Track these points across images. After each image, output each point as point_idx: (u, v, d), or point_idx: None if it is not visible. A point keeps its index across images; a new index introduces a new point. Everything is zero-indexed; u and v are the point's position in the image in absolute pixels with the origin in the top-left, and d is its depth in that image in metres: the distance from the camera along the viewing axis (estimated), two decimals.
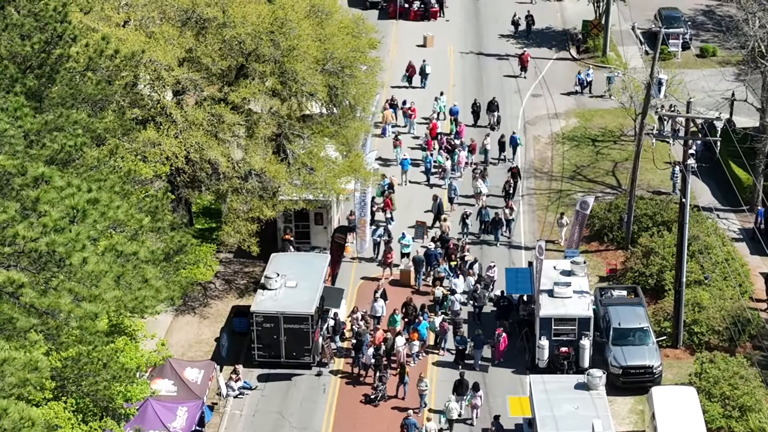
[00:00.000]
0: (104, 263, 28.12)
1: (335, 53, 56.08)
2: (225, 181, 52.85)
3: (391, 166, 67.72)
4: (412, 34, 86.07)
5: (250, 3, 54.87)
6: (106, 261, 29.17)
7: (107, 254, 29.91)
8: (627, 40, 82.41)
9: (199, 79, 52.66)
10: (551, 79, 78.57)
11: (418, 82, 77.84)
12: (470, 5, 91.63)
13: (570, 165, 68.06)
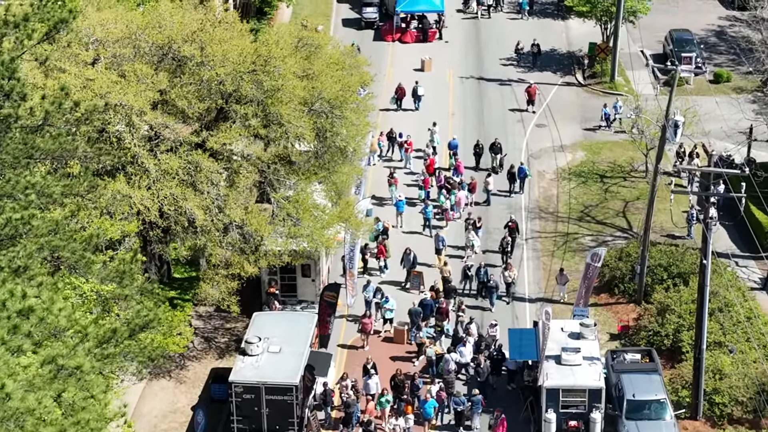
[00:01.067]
0: (37, 388, 23.72)
1: (323, 92, 51.64)
2: (202, 234, 48.39)
3: (385, 205, 63.29)
4: (410, 56, 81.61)
5: (232, 39, 50.46)
6: (42, 377, 24.78)
7: (45, 367, 25.53)
8: (636, 64, 77.89)
9: (174, 124, 48.22)
10: (556, 107, 74.12)
11: (411, 104, 73.83)
12: (470, 26, 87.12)
13: (577, 204, 63.60)
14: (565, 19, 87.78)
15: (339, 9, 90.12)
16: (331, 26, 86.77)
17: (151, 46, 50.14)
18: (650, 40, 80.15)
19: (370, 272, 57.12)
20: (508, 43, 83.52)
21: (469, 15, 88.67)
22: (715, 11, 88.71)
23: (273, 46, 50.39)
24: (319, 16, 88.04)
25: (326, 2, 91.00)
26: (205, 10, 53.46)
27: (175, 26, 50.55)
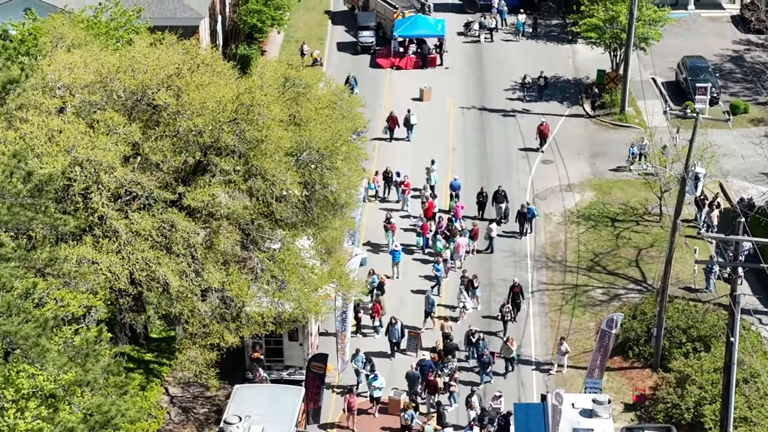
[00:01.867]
0: None
1: (312, 141, 47.30)
2: (178, 301, 44.03)
3: (381, 252, 58.98)
4: (408, 84, 77.25)
5: (211, 84, 46.09)
6: None
7: None
8: (648, 93, 73.59)
9: (147, 181, 43.87)
10: (563, 141, 69.76)
11: (404, 133, 69.85)
12: (472, 50, 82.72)
13: (587, 252, 59.24)
14: (572, 43, 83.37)
15: (334, 32, 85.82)
16: (326, 50, 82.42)
17: (124, 92, 45.87)
18: (662, 66, 75.86)
19: (364, 332, 52.83)
20: (511, 69, 79.18)
21: (471, 38, 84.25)
22: (730, 34, 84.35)
23: (256, 91, 45.98)
24: (313, 39, 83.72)
25: (320, 25, 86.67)
26: (184, 50, 49.15)
27: (150, 70, 46.26)
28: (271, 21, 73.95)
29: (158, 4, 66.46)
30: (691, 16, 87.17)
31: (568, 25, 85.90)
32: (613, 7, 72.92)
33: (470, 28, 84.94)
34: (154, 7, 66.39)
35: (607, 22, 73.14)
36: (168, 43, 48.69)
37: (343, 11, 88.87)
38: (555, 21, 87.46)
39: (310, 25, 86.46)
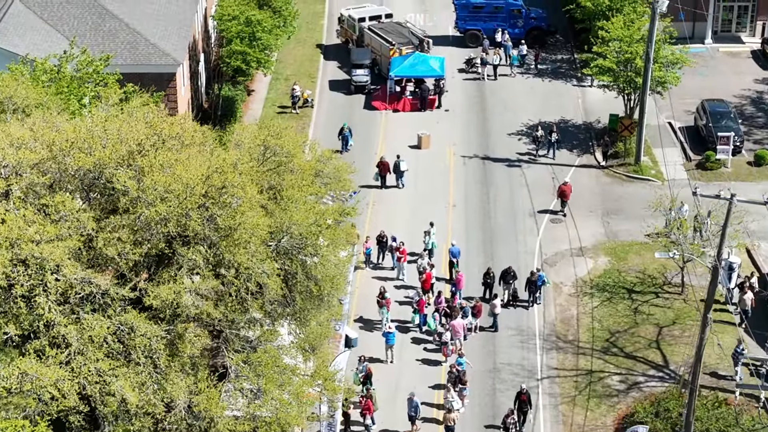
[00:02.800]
0: None
1: (293, 227, 41.61)
2: (137, 418, 38.29)
3: (374, 330, 53.34)
4: (405, 128, 71.55)
5: (177, 162, 40.34)
6: None
7: None
8: (665, 139, 67.91)
9: (102, 279, 38.14)
10: (574, 195, 63.91)
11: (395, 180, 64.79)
12: (474, 89, 76.97)
13: (602, 330, 53.52)
14: (581, 82, 77.62)
15: (326, 68, 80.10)
16: (317, 89, 76.68)
17: (78, 171, 40.16)
18: (679, 109, 70.00)
19: (354, 430, 47.14)
20: (516, 112, 73.51)
21: (473, 75, 78.55)
22: (750, 72, 78.57)
23: (230, 171, 40.21)
24: (304, 77, 78.00)
25: (312, 60, 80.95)
26: (148, 124, 43.42)
27: (109, 145, 40.56)
28: (256, 63, 68.17)
29: (130, 50, 60.73)
30: (709, 50, 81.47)
31: (577, 61, 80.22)
32: (627, 49, 67.20)
33: (472, 64, 79.25)
34: (126, 52, 60.68)
35: (620, 64, 67.43)
36: (130, 112, 43.06)
37: (336, 44, 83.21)
38: (563, 55, 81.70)
39: (300, 60, 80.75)
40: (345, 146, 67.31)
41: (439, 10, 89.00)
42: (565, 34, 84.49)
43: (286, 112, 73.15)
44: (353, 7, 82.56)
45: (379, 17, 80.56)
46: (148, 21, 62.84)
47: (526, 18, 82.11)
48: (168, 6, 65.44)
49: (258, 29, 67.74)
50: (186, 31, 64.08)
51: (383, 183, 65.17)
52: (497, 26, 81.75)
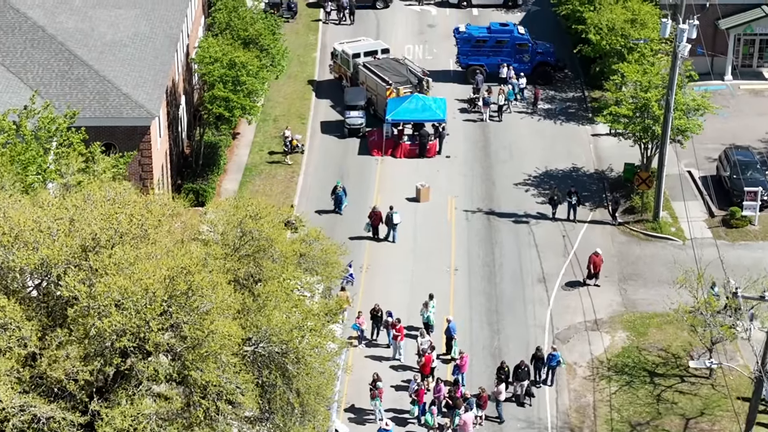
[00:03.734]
0: None
1: (271, 331, 36.11)
2: None
3: (367, 422, 47.79)
4: (402, 178, 66.03)
5: (137, 260, 34.81)
6: None
7: None
8: (686, 190, 62.38)
9: (44, 405, 32.66)
10: (586, 257, 58.49)
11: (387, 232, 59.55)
12: (477, 132, 71.38)
13: (621, 422, 47.98)
14: (593, 123, 72.11)
15: (318, 108, 74.53)
16: (308, 131, 71.13)
17: (22, 272, 34.73)
18: (699, 155, 64.42)
19: None
20: (522, 158, 67.99)
21: (476, 116, 73.02)
22: None
23: (197, 272, 34.62)
24: (293, 118, 72.45)
25: (303, 98, 75.38)
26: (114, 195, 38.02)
27: (60, 238, 35.10)
28: (240, 110, 62.49)
29: (100, 101, 55.16)
30: (729, 88, 75.85)
31: (587, 100, 74.70)
32: (643, 95, 61.65)
33: (474, 103, 73.68)
34: (96, 104, 55.12)
35: (636, 110, 61.91)
36: (86, 195, 37.52)
37: (329, 81, 77.62)
38: (572, 93, 76.13)
39: (291, 98, 75.15)
40: (338, 207, 61.67)
41: (438, 42, 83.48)
42: (573, 68, 78.98)
43: (275, 160, 67.56)
44: (347, 42, 77.02)
45: (375, 53, 75.01)
46: (121, 67, 57.30)
47: (532, 53, 76.60)
48: (143, 49, 59.88)
49: (242, 73, 62.14)
50: (163, 76, 58.51)
51: (375, 234, 60.05)
52: (502, 61, 76.25)
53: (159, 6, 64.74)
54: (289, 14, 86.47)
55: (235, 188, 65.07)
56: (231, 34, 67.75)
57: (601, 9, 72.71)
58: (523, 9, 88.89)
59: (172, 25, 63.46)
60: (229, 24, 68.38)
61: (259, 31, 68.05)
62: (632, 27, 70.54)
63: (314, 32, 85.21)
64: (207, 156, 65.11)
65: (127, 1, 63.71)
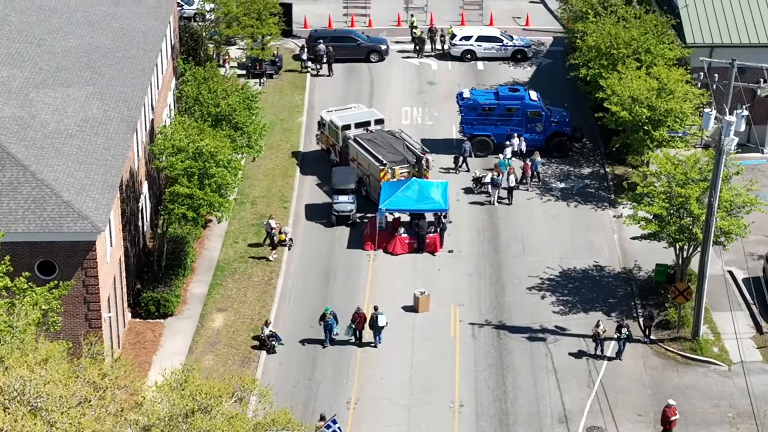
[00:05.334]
0: None
1: None
2: None
3: None
4: (397, 279, 57.08)
5: None
6: None
7: None
8: (727, 297, 53.43)
9: None
10: (614, 385, 49.55)
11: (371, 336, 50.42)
12: (484, 218, 62.33)
13: None
14: (615, 206, 63.20)
15: (302, 186, 65.52)
16: (290, 216, 62.16)
17: None
18: (741, 249, 55.51)
19: None
20: (538, 252, 59.10)
21: (483, 197, 64.08)
22: None
23: None
24: (274, 200, 63.49)
25: (285, 175, 66.33)
26: None
27: None
28: (208, 208, 53.31)
29: (36, 211, 46.15)
30: None
31: (609, 176, 65.82)
32: (680, 190, 52.71)
33: (480, 182, 64.68)
34: (31, 214, 46.10)
35: (671, 208, 52.98)
36: None
37: (316, 152, 68.66)
38: (591, 167, 67.16)
39: (272, 175, 66.10)
40: (328, 337, 52.53)
41: (440, 103, 74.56)
42: (591, 135, 70.05)
43: (253, 255, 58.64)
44: (336, 110, 67.90)
45: (367, 124, 65.97)
46: (64, 166, 48.27)
47: (546, 121, 67.62)
48: (94, 139, 50.92)
49: (211, 164, 53.07)
50: (116, 174, 49.47)
51: (358, 339, 51.77)
52: (511, 131, 67.30)
53: (116, 81, 55.85)
54: (273, 69, 77.49)
55: (203, 292, 56.04)
56: (200, 111, 58.81)
57: (624, 74, 63.75)
58: (533, 62, 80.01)
59: (130, 105, 54.52)
60: (197, 99, 59.42)
61: (232, 106, 59.10)
62: (659, 97, 61.55)
63: (300, 91, 76.16)
64: (172, 253, 56.16)
65: (78, 77, 54.86)
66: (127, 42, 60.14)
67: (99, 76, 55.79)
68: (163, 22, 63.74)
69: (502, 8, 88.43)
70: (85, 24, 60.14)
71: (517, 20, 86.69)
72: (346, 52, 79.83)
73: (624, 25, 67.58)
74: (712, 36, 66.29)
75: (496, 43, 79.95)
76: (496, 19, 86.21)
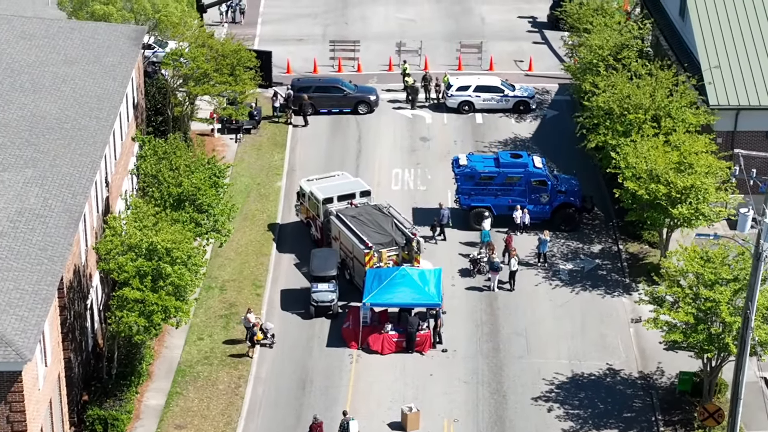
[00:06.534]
0: None
1: None
2: None
3: None
4: (383, 385, 49.90)
5: None
6: None
7: None
8: (762, 413, 46.35)
9: None
10: None
11: None
12: (481, 310, 55.06)
13: None
14: (630, 292, 56.00)
15: (279, 266, 58.29)
16: (264, 304, 55.05)
17: None
18: None
19: None
20: (544, 353, 51.89)
21: (481, 280, 56.94)
22: None
23: None
24: (247, 284, 56.39)
25: (260, 253, 59.10)
26: None
27: None
28: (162, 315, 45.93)
29: None
30: None
31: (623, 254, 58.69)
32: (708, 293, 45.51)
33: (477, 263, 57.52)
34: None
35: (699, 313, 45.81)
36: None
37: (295, 224, 61.50)
38: (603, 243, 59.97)
39: (245, 253, 58.89)
40: None
41: (434, 163, 67.47)
42: (603, 204, 62.86)
43: (220, 355, 51.54)
44: (317, 178, 60.66)
45: (351, 197, 58.73)
46: None
47: (552, 191, 60.43)
48: (27, 238, 43.73)
49: (166, 263, 45.77)
50: (51, 283, 42.22)
51: None
52: (513, 202, 60.16)
53: (62, 160, 48.83)
54: (251, 123, 70.36)
55: (160, 404, 48.84)
56: (159, 191, 51.66)
57: (639, 143, 56.54)
58: (537, 114, 72.88)
59: (76, 190, 47.40)
60: (156, 177, 52.28)
61: (196, 185, 51.93)
62: (679, 174, 54.30)
63: (280, 149, 68.97)
64: (125, 357, 48.97)
65: (16, 158, 47.92)
66: (79, 109, 53.09)
67: (41, 155, 48.73)
68: (123, 83, 56.58)
69: (502, 50, 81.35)
70: (30, 90, 53.14)
71: (519, 64, 79.61)
72: (332, 103, 72.82)
73: (638, 84, 60.37)
74: (738, 98, 59.11)
75: (496, 94, 72.81)
76: (497, 63, 79.17)
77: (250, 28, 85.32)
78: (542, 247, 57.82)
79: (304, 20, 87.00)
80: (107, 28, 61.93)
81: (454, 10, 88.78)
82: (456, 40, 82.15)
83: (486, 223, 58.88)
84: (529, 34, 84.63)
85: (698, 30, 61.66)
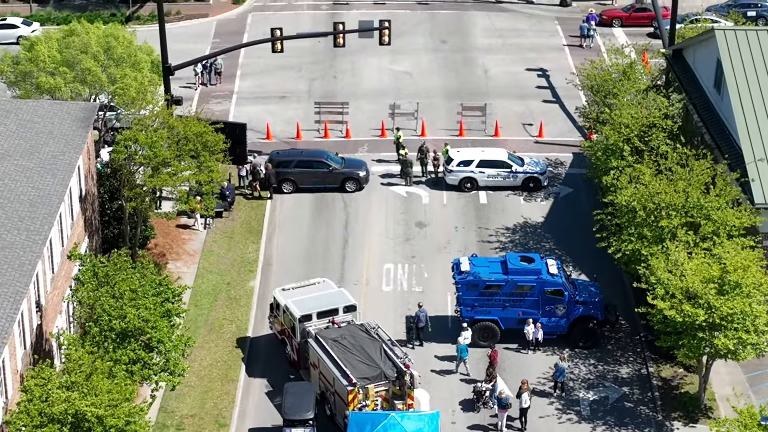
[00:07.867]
0: None
1: None
2: None
3: None
4: None
5: None
6: None
7: None
8: None
9: None
10: None
11: None
12: None
13: None
14: (664, 429, 47.35)
15: (247, 396, 49.33)
16: None
17: None
18: None
19: None
20: None
21: (487, 419, 48.06)
22: None
23: None
24: (209, 423, 47.57)
25: (226, 378, 50.08)
26: None
27: None
28: None
29: None
30: None
31: (654, 380, 49.89)
32: None
33: (481, 396, 48.57)
34: None
35: None
36: None
37: (268, 336, 52.67)
38: (629, 366, 51.11)
39: (208, 378, 49.99)
40: None
41: (432, 256, 58.64)
42: (628, 311, 53.87)
43: None
44: (294, 287, 51.73)
45: (333, 313, 49.83)
46: None
47: (569, 302, 51.51)
48: None
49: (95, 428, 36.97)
50: None
51: None
52: (524, 315, 51.29)
53: None
54: (223, 205, 61.57)
55: None
56: (98, 325, 42.81)
57: (672, 252, 47.56)
58: (550, 193, 64.06)
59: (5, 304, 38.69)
60: (94, 307, 43.42)
61: (144, 317, 43.05)
62: (719, 295, 45.35)
63: (256, 237, 60.13)
64: None
65: None
66: (6, 221, 44.27)
67: None
68: (64, 181, 47.71)
69: (509, 112, 72.55)
70: None
71: (528, 128, 70.76)
72: (316, 179, 64.09)
73: (669, 177, 51.50)
74: None
75: (503, 170, 63.96)
76: (502, 127, 70.35)
77: (228, 83, 76.66)
78: (560, 376, 48.96)
79: (288, 73, 78.21)
80: (50, 106, 53.13)
81: (454, 60, 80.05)
82: (456, 96, 73.53)
83: (463, 336, 50.10)
84: (538, 91, 75.81)
85: (738, 109, 52.85)
